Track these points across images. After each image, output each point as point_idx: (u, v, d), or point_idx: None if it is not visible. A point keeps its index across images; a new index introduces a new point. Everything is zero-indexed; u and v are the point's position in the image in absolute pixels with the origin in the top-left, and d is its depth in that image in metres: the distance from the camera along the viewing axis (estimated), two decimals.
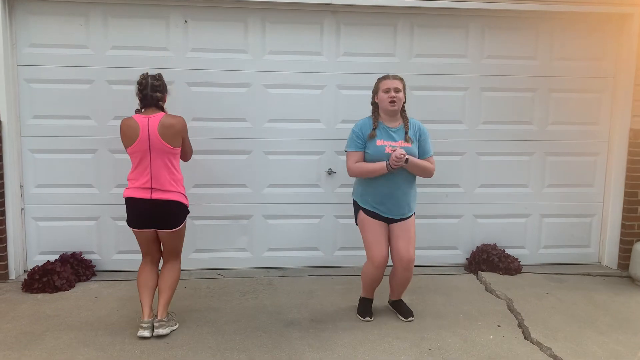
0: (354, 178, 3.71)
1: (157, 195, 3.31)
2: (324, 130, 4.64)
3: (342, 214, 4.72)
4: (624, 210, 4.86)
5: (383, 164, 3.42)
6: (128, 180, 3.39)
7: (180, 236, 3.49)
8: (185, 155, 3.55)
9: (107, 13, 4.34)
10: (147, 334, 3.37)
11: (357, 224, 3.71)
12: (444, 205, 4.83)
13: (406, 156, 3.37)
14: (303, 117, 4.61)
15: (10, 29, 4.25)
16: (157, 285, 3.50)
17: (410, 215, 3.61)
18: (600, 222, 5.01)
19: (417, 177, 3.59)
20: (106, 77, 4.37)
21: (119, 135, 3.37)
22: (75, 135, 4.42)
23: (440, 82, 4.68)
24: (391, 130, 3.52)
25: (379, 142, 3.49)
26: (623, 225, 4.88)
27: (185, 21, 4.40)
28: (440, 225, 4.86)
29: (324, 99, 4.62)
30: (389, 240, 3.61)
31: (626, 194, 4.83)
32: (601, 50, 4.80)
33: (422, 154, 3.57)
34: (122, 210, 3.53)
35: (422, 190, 3.95)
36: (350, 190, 3.86)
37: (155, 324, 3.40)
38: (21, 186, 4.41)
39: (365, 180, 3.56)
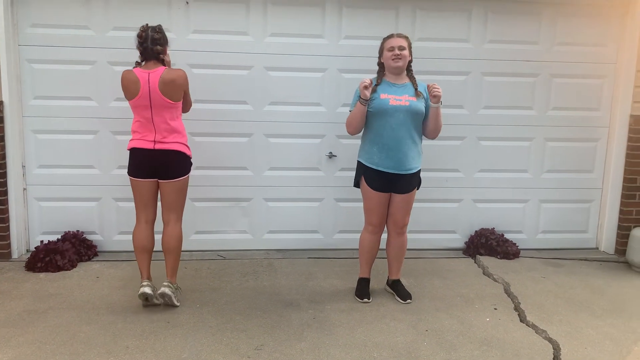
0: (350, 133, 3.72)
1: (160, 146, 3.37)
2: (325, 114, 4.65)
3: (342, 197, 4.75)
4: (623, 196, 4.89)
5: (357, 102, 3.49)
6: (132, 132, 3.43)
7: (182, 190, 3.51)
8: (185, 107, 3.57)
9: None
10: (148, 290, 3.44)
11: (355, 186, 3.79)
12: (443, 189, 4.86)
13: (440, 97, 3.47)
14: (304, 100, 4.62)
15: (12, 8, 4.24)
16: (153, 247, 3.55)
17: (414, 188, 3.71)
18: (599, 207, 5.04)
19: (420, 135, 3.64)
20: (107, 58, 4.37)
21: (122, 102, 3.47)
22: (77, 116, 4.43)
23: (442, 67, 4.67)
24: (395, 86, 3.56)
25: (382, 95, 3.53)
26: (621, 211, 4.91)
27: (187, 2, 4.39)
28: (440, 210, 4.89)
29: (326, 82, 4.62)
30: (389, 207, 3.74)
31: (625, 180, 4.86)
32: (604, 36, 4.78)
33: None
34: (124, 191, 3.57)
35: (422, 175, 3.97)
36: (350, 174, 3.89)
37: (164, 283, 3.51)
38: (23, 166, 4.44)
39: (369, 138, 3.61)
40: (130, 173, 3.46)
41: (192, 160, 3.57)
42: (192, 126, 4.43)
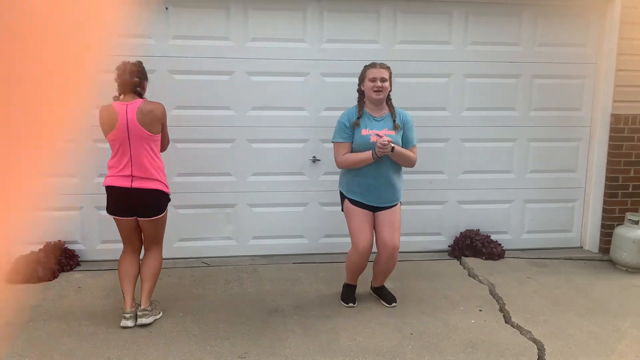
0: (340, 169, 3.70)
1: (137, 184, 3.30)
2: (308, 118, 4.64)
3: (327, 201, 4.73)
4: (605, 195, 4.92)
5: (369, 153, 3.42)
6: (108, 167, 3.38)
7: (162, 224, 3.48)
8: (163, 144, 3.50)
9: None
10: (129, 323, 3.37)
11: (342, 210, 3.72)
12: (428, 191, 4.86)
13: (392, 144, 3.37)
14: (287, 104, 4.60)
15: None
16: (138, 274, 3.50)
17: (397, 204, 3.63)
18: (582, 206, 5.07)
19: (400, 167, 3.61)
20: None
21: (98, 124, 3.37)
22: None
23: (424, 69, 4.68)
24: (376, 120, 3.53)
25: (364, 132, 3.49)
26: (604, 210, 4.94)
27: (167, 8, 4.36)
28: (424, 212, 4.89)
29: (308, 87, 4.61)
30: (374, 227, 3.63)
31: (607, 178, 4.89)
32: (584, 36, 4.82)
33: (405, 143, 3.57)
34: (105, 200, 3.51)
35: (407, 177, 3.97)
36: (335, 177, 3.87)
37: (139, 313, 3.40)
38: None
39: (351, 172, 3.57)
40: (108, 211, 3.40)
41: (170, 196, 3.50)
42: (175, 133, 4.36)
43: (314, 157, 4.67)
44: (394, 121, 3.53)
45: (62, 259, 4.33)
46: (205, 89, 4.49)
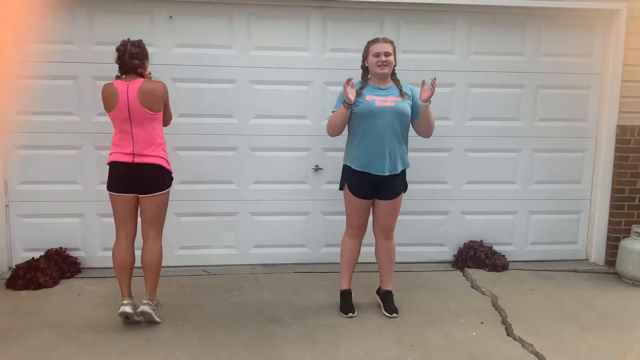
0: (344, 157, 3.75)
1: (138, 160, 3.33)
2: (310, 127, 4.62)
3: (329, 210, 4.70)
4: (611, 206, 4.85)
5: (341, 106, 3.48)
6: (112, 145, 3.41)
7: (162, 205, 3.47)
8: (165, 120, 3.54)
9: (91, 9, 4.30)
10: (128, 309, 3.38)
11: (340, 189, 3.76)
12: (431, 201, 4.82)
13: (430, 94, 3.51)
14: (289, 113, 4.59)
15: None
16: (134, 264, 3.50)
17: (400, 193, 3.68)
18: (588, 218, 5.00)
19: (405, 136, 3.64)
20: (90, 73, 4.34)
21: (105, 117, 3.46)
22: (60, 132, 4.39)
23: (428, 79, 4.64)
24: (380, 89, 3.56)
25: (368, 97, 3.52)
26: (610, 222, 4.87)
27: (170, 16, 4.38)
28: (427, 222, 4.84)
29: (311, 95, 4.60)
30: (373, 213, 3.72)
31: (613, 190, 4.83)
32: (589, 46, 4.78)
33: (417, 109, 3.63)
34: (108, 207, 3.52)
35: (410, 187, 3.94)
36: (337, 186, 3.85)
37: (143, 301, 3.45)
38: (5, 183, 4.39)
39: (356, 140, 3.58)
40: (109, 188, 3.43)
41: (172, 175, 3.53)
42: (177, 140, 4.40)
43: (317, 165, 4.65)
44: (401, 90, 3.56)
45: (63, 266, 4.33)
46: (208, 97, 4.49)
